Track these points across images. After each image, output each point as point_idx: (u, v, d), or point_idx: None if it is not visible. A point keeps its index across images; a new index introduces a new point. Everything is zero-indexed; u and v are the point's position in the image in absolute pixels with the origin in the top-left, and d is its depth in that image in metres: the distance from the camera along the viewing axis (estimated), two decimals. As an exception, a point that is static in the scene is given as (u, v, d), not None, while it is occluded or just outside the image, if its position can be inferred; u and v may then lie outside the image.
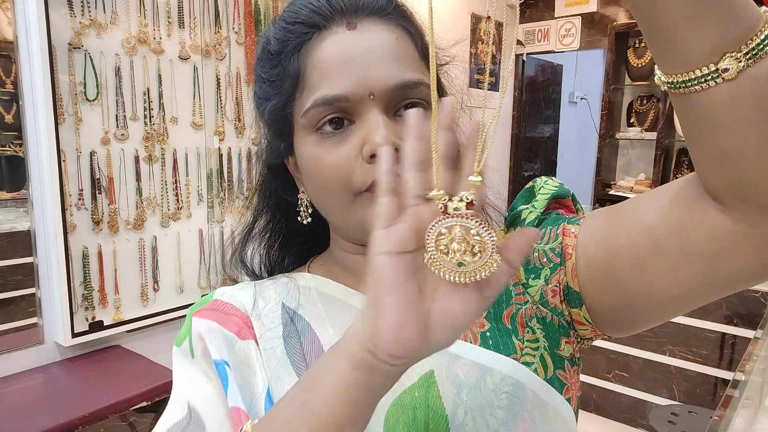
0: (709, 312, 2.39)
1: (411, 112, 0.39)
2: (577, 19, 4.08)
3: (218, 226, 2.30)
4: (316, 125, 0.50)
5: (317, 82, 0.49)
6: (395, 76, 0.49)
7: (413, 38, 0.52)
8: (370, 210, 0.46)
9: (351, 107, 0.49)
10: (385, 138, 0.47)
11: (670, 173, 3.69)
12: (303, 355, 0.53)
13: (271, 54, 0.52)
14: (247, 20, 2.30)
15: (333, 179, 0.49)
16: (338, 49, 0.49)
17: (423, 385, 0.50)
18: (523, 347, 0.52)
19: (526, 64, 4.46)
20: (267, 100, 0.54)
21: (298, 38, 0.50)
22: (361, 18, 0.50)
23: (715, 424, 0.94)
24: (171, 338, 2.30)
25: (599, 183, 3.93)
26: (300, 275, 0.59)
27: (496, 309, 0.53)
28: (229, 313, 0.56)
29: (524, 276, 0.55)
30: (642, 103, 3.83)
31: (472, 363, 0.50)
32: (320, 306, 0.56)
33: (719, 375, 2.39)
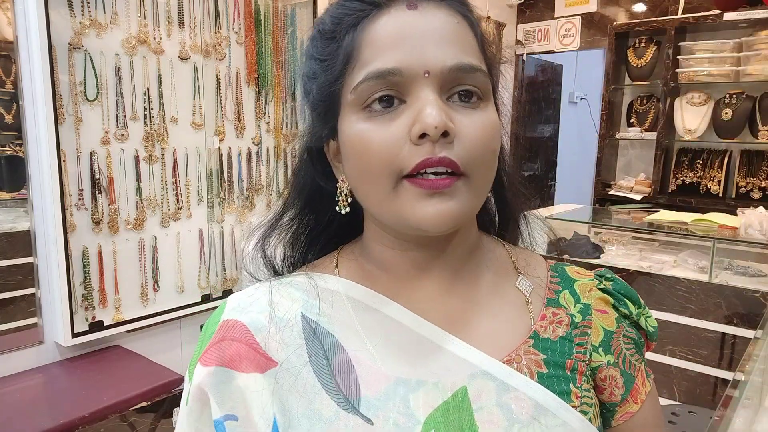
0: (709, 312, 2.39)
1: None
2: (577, 19, 4.08)
3: (218, 226, 2.30)
4: (365, 102, 0.47)
5: (370, 57, 0.47)
6: (454, 57, 0.47)
7: (473, 26, 0.51)
8: (414, 203, 0.46)
9: (404, 84, 0.46)
10: (437, 119, 0.44)
11: (670, 173, 3.69)
12: (332, 372, 0.50)
13: (325, 32, 0.50)
14: (247, 20, 2.30)
15: (377, 160, 0.46)
16: (396, 25, 0.47)
17: (459, 405, 0.48)
18: (580, 395, 0.51)
19: (526, 64, 4.46)
20: (314, 79, 0.51)
21: (356, 14, 0.48)
22: (422, 0, 0.48)
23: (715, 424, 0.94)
24: (171, 338, 2.31)
25: (599, 183, 3.93)
26: (326, 277, 0.55)
27: (557, 358, 0.52)
28: (239, 340, 0.51)
29: (599, 344, 0.55)
30: (642, 103, 3.82)
31: (526, 398, 0.49)
32: (352, 314, 0.52)
33: (719, 375, 2.39)
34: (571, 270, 0.59)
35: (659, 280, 2.50)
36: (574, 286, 0.57)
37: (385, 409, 0.48)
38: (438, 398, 0.48)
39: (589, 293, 0.56)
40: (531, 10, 4.30)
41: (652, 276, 2.52)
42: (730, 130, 3.39)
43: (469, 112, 0.47)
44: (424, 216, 0.46)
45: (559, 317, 0.54)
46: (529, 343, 0.52)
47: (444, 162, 0.45)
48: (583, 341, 0.54)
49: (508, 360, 0.50)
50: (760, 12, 3.13)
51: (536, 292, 0.56)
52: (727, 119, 3.37)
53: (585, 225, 3.08)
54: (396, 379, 0.49)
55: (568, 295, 0.56)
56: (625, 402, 0.54)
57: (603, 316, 0.55)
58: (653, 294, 2.52)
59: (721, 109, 3.40)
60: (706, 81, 3.43)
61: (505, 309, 0.54)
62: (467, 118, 0.47)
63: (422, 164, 0.45)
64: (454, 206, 0.46)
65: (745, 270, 2.52)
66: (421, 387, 0.49)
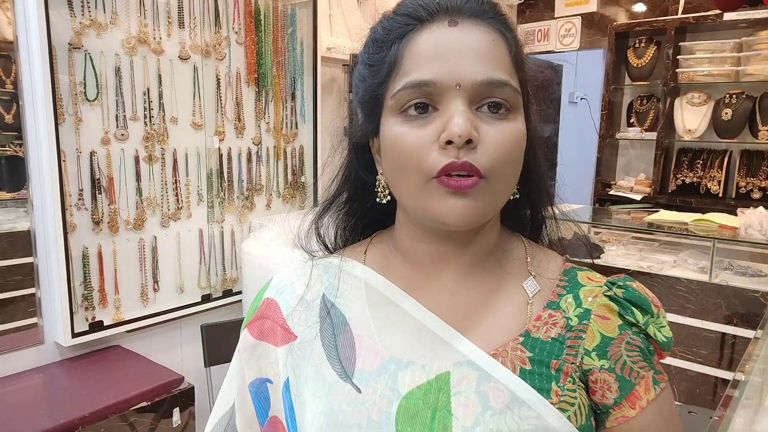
0: (709, 312, 2.39)
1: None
2: (577, 19, 4.08)
3: (218, 226, 2.30)
4: (403, 107, 0.53)
5: (410, 68, 0.52)
6: (484, 72, 0.51)
7: (508, 43, 0.55)
8: (439, 199, 0.52)
9: (437, 94, 0.52)
10: (462, 127, 0.50)
11: (670, 173, 3.69)
12: (336, 347, 0.59)
13: (377, 41, 0.56)
14: (247, 20, 2.30)
15: (409, 160, 0.52)
16: (435, 41, 0.52)
17: (439, 387, 0.54)
18: (561, 393, 0.54)
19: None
20: (363, 81, 0.58)
21: (402, 28, 0.54)
22: (463, 18, 0.53)
23: (715, 424, 0.94)
24: (171, 338, 2.31)
25: (599, 183, 3.93)
26: (353, 263, 0.63)
27: (543, 357, 0.55)
28: (272, 319, 0.63)
29: (593, 348, 0.56)
30: (642, 103, 3.82)
31: (504, 388, 0.53)
32: (365, 299, 0.60)
33: (719, 375, 2.39)
34: (583, 275, 0.61)
35: (659, 280, 2.50)
36: (579, 291, 0.59)
37: (375, 382, 0.56)
38: (422, 378, 0.55)
39: (594, 299, 0.58)
40: (531, 10, 4.30)
41: (652, 276, 2.52)
42: (730, 130, 3.39)
43: (496, 122, 0.52)
44: (447, 212, 0.51)
45: (554, 319, 0.57)
46: (518, 341, 0.56)
47: (466, 167, 0.50)
48: (575, 344, 0.56)
49: (494, 353, 0.55)
50: (760, 12, 3.13)
51: (541, 294, 0.59)
52: (727, 119, 3.37)
53: (585, 225, 3.08)
54: (389, 358, 0.57)
55: (571, 299, 0.59)
56: (619, 406, 0.55)
57: (603, 322, 0.57)
58: (653, 294, 2.52)
59: (721, 109, 3.40)
60: (706, 81, 3.43)
61: (506, 307, 0.58)
62: (493, 128, 0.52)
63: (447, 168, 0.50)
64: (473, 205, 0.51)
65: (745, 270, 2.52)
66: (410, 367, 0.56)
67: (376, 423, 0.54)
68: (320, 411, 0.56)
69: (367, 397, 0.55)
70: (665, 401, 0.56)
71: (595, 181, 3.97)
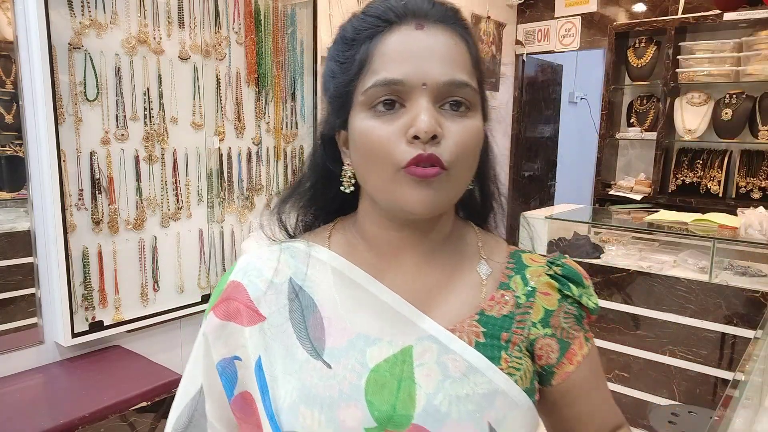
0: (709, 312, 2.39)
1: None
2: (577, 19, 4.08)
3: (218, 226, 2.30)
4: (372, 103, 0.57)
5: (380, 67, 0.57)
6: (448, 74, 0.56)
7: (469, 47, 0.60)
8: (406, 189, 0.56)
9: (404, 92, 0.56)
10: (427, 123, 0.54)
11: (670, 173, 3.69)
12: (306, 328, 0.62)
13: (346, 39, 0.60)
14: (247, 20, 2.30)
15: (378, 152, 0.56)
16: (404, 42, 0.57)
17: (403, 359, 0.60)
18: (510, 361, 0.62)
19: (526, 64, 4.46)
20: (334, 78, 0.61)
21: (372, 29, 0.58)
22: (429, 22, 0.58)
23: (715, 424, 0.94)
24: (171, 338, 2.31)
25: (599, 183, 3.93)
26: (318, 248, 0.67)
27: (495, 332, 0.63)
28: (238, 300, 0.65)
29: (539, 320, 0.65)
30: (642, 103, 3.82)
31: (461, 359, 0.60)
32: (332, 282, 0.64)
33: (719, 375, 2.39)
34: (527, 257, 0.69)
35: (659, 280, 2.50)
36: (525, 272, 0.67)
37: (345, 358, 0.60)
38: (388, 352, 0.60)
39: (538, 278, 0.67)
40: (531, 10, 4.30)
41: (652, 276, 2.52)
42: (730, 130, 3.39)
43: (457, 119, 0.57)
44: (412, 200, 0.56)
45: (505, 299, 0.65)
46: (474, 318, 0.63)
47: (431, 159, 0.55)
48: (523, 319, 0.64)
49: (453, 329, 0.62)
50: (760, 12, 3.13)
51: (493, 276, 0.66)
52: (727, 119, 3.37)
53: (585, 225, 3.08)
54: (357, 335, 0.61)
55: (519, 280, 0.66)
56: (561, 364, 0.65)
57: (546, 297, 0.66)
58: (653, 294, 2.52)
59: (721, 109, 3.40)
60: (706, 81, 3.43)
61: (462, 288, 0.65)
62: (454, 124, 0.57)
63: (414, 160, 0.55)
64: (436, 194, 0.56)
65: (745, 270, 2.52)
66: (377, 343, 0.61)
67: (347, 395, 0.58)
68: (293, 387, 0.60)
69: (338, 371, 0.59)
70: (593, 356, 0.67)
71: (595, 181, 3.97)
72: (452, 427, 0.58)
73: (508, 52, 4.33)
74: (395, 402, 0.58)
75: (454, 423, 0.58)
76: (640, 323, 2.56)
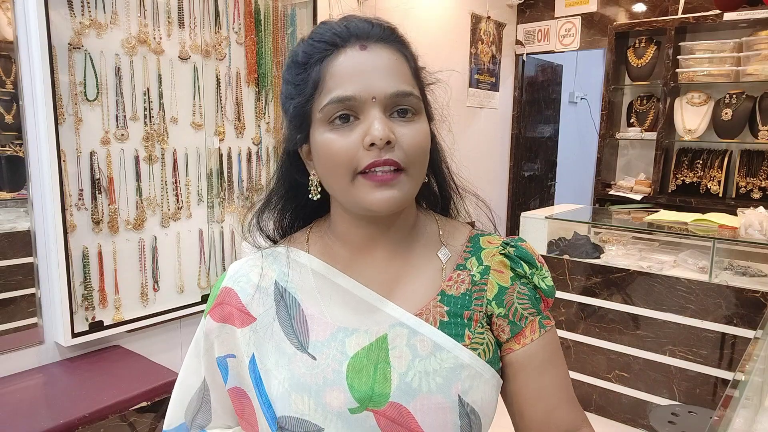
0: (709, 312, 2.39)
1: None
2: (577, 19, 4.08)
3: (218, 226, 2.30)
4: (330, 118, 0.64)
5: (332, 86, 0.64)
6: (393, 86, 0.64)
7: (408, 61, 0.68)
8: (367, 192, 0.63)
9: (357, 106, 0.63)
10: (381, 131, 0.61)
11: (670, 173, 3.69)
12: (292, 325, 0.70)
13: (299, 63, 0.67)
14: (247, 20, 2.30)
15: (338, 161, 0.63)
16: (351, 63, 0.64)
17: (380, 345, 0.67)
18: (472, 337, 0.69)
19: (526, 64, 4.46)
20: (291, 99, 0.68)
21: (321, 53, 0.65)
22: (371, 42, 0.65)
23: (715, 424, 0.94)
24: (171, 338, 2.30)
25: (599, 183, 3.93)
26: (298, 252, 0.75)
27: (457, 310, 0.70)
28: (231, 305, 0.73)
29: (493, 297, 0.71)
30: (642, 103, 3.82)
31: (428, 340, 0.67)
32: (313, 282, 0.72)
33: (719, 375, 2.39)
34: (484, 240, 0.75)
35: (659, 280, 2.50)
36: (480, 254, 0.74)
37: (328, 349, 0.68)
38: (365, 341, 0.67)
39: (492, 258, 0.73)
40: (531, 10, 4.30)
41: (652, 276, 2.52)
42: (730, 130, 3.39)
43: (405, 124, 0.65)
44: (375, 201, 0.63)
45: (462, 278, 0.72)
46: (437, 299, 0.70)
47: (388, 162, 0.62)
48: (480, 296, 0.71)
49: (419, 313, 0.69)
50: (760, 12, 3.13)
51: (452, 259, 0.73)
52: (727, 119, 3.37)
53: (585, 225, 3.08)
54: (337, 328, 0.69)
55: (474, 260, 0.73)
56: (509, 341, 0.71)
57: (499, 275, 0.72)
58: (653, 294, 2.52)
59: (721, 109, 3.40)
60: (706, 81, 3.43)
61: (426, 274, 0.72)
62: (404, 129, 0.64)
63: (372, 164, 0.62)
64: (396, 194, 0.64)
65: (745, 270, 2.52)
66: (355, 333, 0.68)
67: (330, 380, 0.66)
68: (284, 377, 0.67)
69: (322, 362, 0.67)
70: (550, 339, 0.72)
71: (595, 181, 3.97)
72: (424, 400, 0.65)
73: (508, 52, 4.33)
74: (373, 383, 0.65)
75: (424, 396, 0.65)
76: (640, 323, 2.56)
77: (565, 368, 0.73)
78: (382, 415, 0.65)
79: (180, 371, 0.79)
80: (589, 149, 4.82)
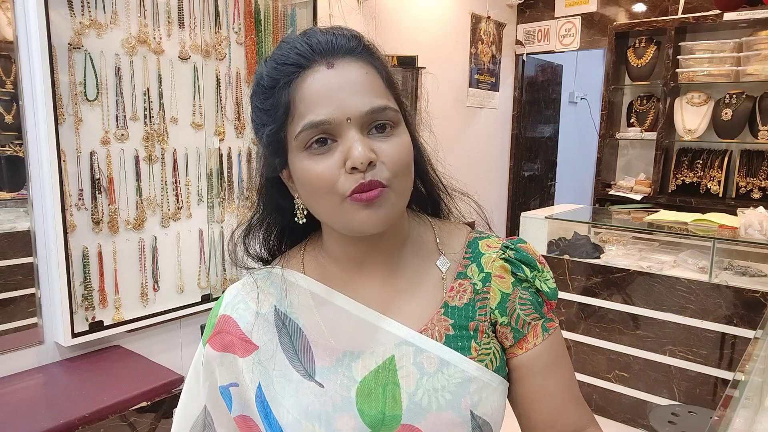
0: (709, 312, 2.39)
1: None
2: (577, 19, 4.08)
3: (218, 226, 2.30)
4: (306, 144, 0.61)
5: (304, 111, 0.61)
6: (367, 103, 0.61)
7: (379, 71, 0.64)
8: (355, 213, 0.61)
9: (333, 129, 0.60)
10: (361, 154, 0.59)
11: (670, 173, 3.69)
12: (296, 352, 0.68)
13: (265, 88, 0.64)
14: (247, 20, 2.30)
15: (321, 187, 0.61)
16: (320, 84, 0.61)
17: (387, 367, 0.65)
18: (479, 349, 0.67)
19: (526, 64, 4.46)
20: (264, 126, 0.65)
21: (288, 76, 0.62)
22: (338, 58, 0.62)
23: (715, 424, 0.94)
24: (171, 338, 2.30)
25: (599, 183, 3.93)
26: (294, 273, 0.72)
27: (462, 321, 0.68)
28: (231, 333, 0.70)
29: (496, 306, 0.69)
30: (642, 103, 3.82)
31: (434, 356, 0.65)
32: (313, 306, 0.70)
33: (719, 375, 2.39)
34: (483, 244, 0.73)
35: (659, 280, 2.50)
36: (480, 260, 0.71)
37: (335, 375, 0.65)
38: (372, 363, 0.65)
39: (492, 264, 0.70)
40: (531, 10, 4.30)
41: (652, 276, 2.52)
42: (730, 130, 3.39)
43: (385, 139, 0.62)
44: (362, 222, 0.61)
45: (464, 287, 0.69)
46: (440, 312, 0.68)
47: (373, 184, 0.60)
48: (483, 305, 0.69)
49: (424, 329, 0.67)
50: (760, 12, 3.13)
51: (452, 268, 0.71)
52: (727, 119, 3.37)
53: (585, 225, 3.08)
54: (343, 352, 0.66)
55: (475, 268, 0.70)
56: (512, 347, 0.69)
57: (501, 281, 0.69)
58: (653, 294, 2.52)
59: (721, 109, 3.40)
60: (706, 81, 3.43)
61: (425, 287, 0.70)
62: (384, 144, 0.61)
63: (358, 189, 0.60)
64: (384, 212, 0.61)
65: (745, 270, 2.52)
66: (361, 357, 0.66)
67: (340, 407, 0.64)
68: (291, 405, 0.65)
69: (329, 388, 0.65)
70: (554, 342, 0.70)
71: (595, 181, 3.98)
72: (435, 418, 0.63)
73: (508, 52, 4.34)
74: (383, 407, 0.63)
75: (435, 414, 0.63)
76: (640, 323, 2.56)
77: (570, 368, 0.72)
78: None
79: (181, 394, 0.77)
80: (589, 149, 4.82)
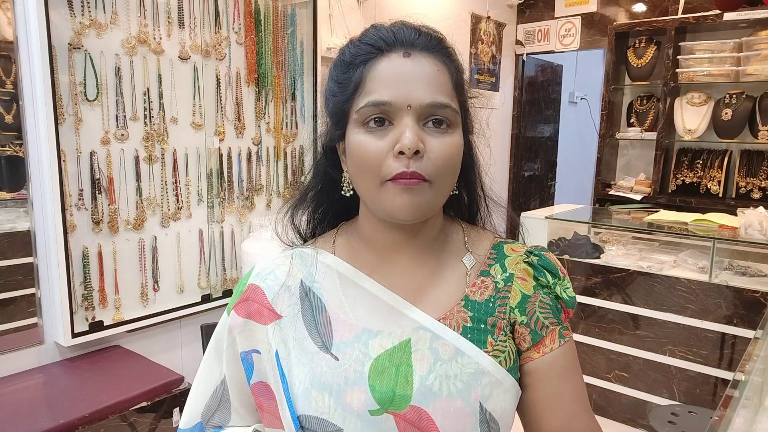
0: (709, 312, 2.39)
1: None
2: (577, 19, 4.08)
3: (218, 226, 2.30)
4: (365, 120, 0.65)
5: (371, 89, 0.65)
6: (430, 96, 0.64)
7: (450, 72, 0.68)
8: (392, 197, 0.64)
9: (392, 112, 0.64)
10: (410, 140, 0.62)
11: (670, 173, 3.69)
12: (316, 324, 0.71)
13: (344, 63, 0.68)
14: (247, 20, 2.30)
15: (368, 163, 0.64)
16: (392, 69, 0.65)
17: (403, 348, 0.68)
18: (495, 344, 0.69)
19: (526, 64, 4.46)
20: (333, 96, 0.69)
21: (366, 55, 0.67)
22: (415, 50, 0.66)
23: (715, 424, 0.94)
24: (171, 338, 2.30)
25: (599, 183, 3.93)
26: (325, 253, 0.76)
27: (481, 316, 0.70)
28: (257, 302, 0.74)
29: (516, 305, 0.71)
30: (642, 103, 3.82)
31: (450, 344, 0.68)
32: (338, 284, 0.73)
33: (719, 375, 2.39)
34: (508, 248, 0.76)
35: (659, 280, 2.50)
36: (504, 261, 0.74)
37: (351, 349, 0.69)
38: (389, 343, 0.68)
39: (516, 266, 0.73)
40: (531, 10, 4.30)
41: (652, 276, 2.52)
42: (730, 130, 3.39)
43: (438, 136, 0.65)
44: (398, 207, 0.64)
45: (486, 284, 0.72)
46: (461, 305, 0.71)
47: (415, 176, 0.63)
48: (504, 303, 0.71)
49: (443, 318, 0.70)
50: (760, 12, 3.13)
51: (476, 266, 0.74)
52: (727, 119, 3.37)
53: (585, 225, 3.08)
54: (362, 329, 0.70)
55: (498, 267, 0.74)
56: (528, 350, 0.71)
57: (523, 282, 0.72)
58: (653, 294, 2.52)
59: (721, 109, 3.40)
60: (706, 81, 3.43)
61: (450, 280, 0.73)
62: (436, 140, 0.65)
63: (399, 176, 0.63)
64: (419, 202, 0.64)
65: (745, 270, 2.52)
66: (379, 335, 0.69)
67: (352, 380, 0.67)
68: (305, 375, 0.68)
69: (344, 362, 0.68)
70: (568, 351, 0.72)
71: (595, 181, 3.97)
72: (444, 404, 0.65)
73: (508, 52, 4.33)
74: (394, 386, 0.66)
75: (445, 400, 0.65)
76: (640, 323, 2.56)
77: (582, 379, 0.73)
78: (402, 418, 0.65)
79: (198, 371, 0.80)
80: (589, 149, 4.82)
